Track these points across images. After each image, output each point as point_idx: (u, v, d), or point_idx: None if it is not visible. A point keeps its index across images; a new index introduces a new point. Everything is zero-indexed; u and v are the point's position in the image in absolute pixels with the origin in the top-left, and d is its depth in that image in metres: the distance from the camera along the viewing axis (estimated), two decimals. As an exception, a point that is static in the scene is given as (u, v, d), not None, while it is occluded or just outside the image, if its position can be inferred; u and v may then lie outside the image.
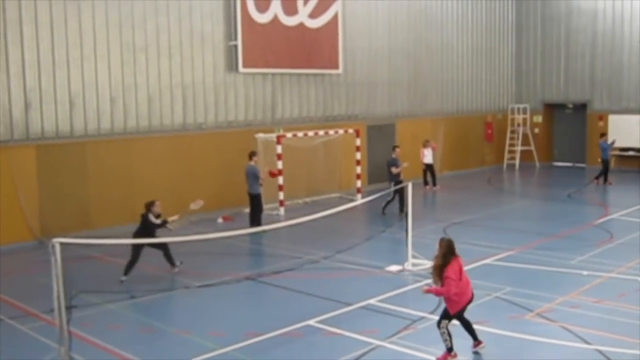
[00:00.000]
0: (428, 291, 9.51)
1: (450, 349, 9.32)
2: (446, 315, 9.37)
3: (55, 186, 17.21)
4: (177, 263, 14.18)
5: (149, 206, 13.84)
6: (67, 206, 17.43)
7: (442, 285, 9.19)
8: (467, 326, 9.61)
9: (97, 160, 17.97)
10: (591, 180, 25.52)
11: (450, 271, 9.12)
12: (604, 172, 25.26)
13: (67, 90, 17.48)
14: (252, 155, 18.42)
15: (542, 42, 31.89)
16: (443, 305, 11.44)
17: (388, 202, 19.72)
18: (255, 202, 18.09)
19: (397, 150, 20.74)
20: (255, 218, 17.95)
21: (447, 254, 9.26)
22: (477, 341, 9.62)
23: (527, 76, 32.54)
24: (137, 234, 13.77)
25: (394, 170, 19.81)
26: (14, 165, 16.51)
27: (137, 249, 13.61)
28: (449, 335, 9.32)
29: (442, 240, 9.52)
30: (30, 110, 16.89)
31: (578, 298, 11.80)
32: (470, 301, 9.47)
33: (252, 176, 17.98)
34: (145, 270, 14.38)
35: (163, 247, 13.99)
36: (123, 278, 13.56)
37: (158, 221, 13.78)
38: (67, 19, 17.35)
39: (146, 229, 13.72)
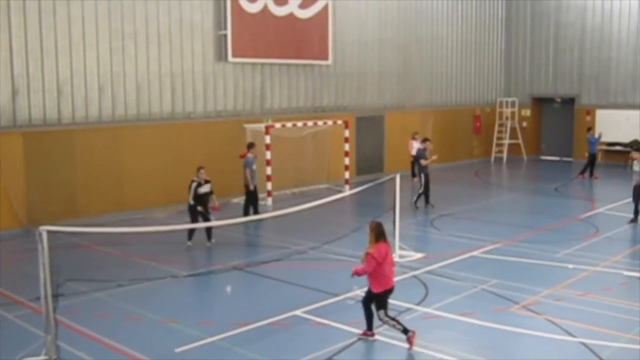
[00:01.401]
0: (354, 273, 9.63)
1: (406, 330, 9.40)
2: (379, 306, 9.48)
3: (42, 174, 17.13)
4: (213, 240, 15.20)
5: (196, 172, 15.16)
6: (54, 194, 17.35)
7: (364, 263, 9.43)
8: (369, 315, 9.68)
9: (85, 148, 17.89)
10: (576, 175, 25.61)
11: (375, 251, 9.33)
12: (590, 166, 25.39)
13: (55, 77, 17.37)
14: (250, 146, 18.40)
15: (531, 36, 31.98)
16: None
17: (420, 195, 19.86)
18: (248, 194, 18.09)
19: (428, 143, 20.53)
20: (248, 209, 17.97)
21: (377, 235, 9.46)
22: (370, 332, 9.75)
23: (516, 70, 32.64)
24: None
25: (423, 162, 19.83)
26: (1, 152, 16.41)
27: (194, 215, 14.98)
28: (395, 320, 9.49)
29: (372, 222, 9.69)
30: (17, 98, 16.78)
31: (563, 291, 11.89)
32: (391, 291, 9.55)
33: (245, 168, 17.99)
34: (133, 258, 14.38)
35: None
36: (189, 243, 15.02)
37: (202, 189, 14.89)
38: (56, 6, 17.23)
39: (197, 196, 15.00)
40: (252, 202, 18.14)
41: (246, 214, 17.69)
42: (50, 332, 8.80)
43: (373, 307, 9.61)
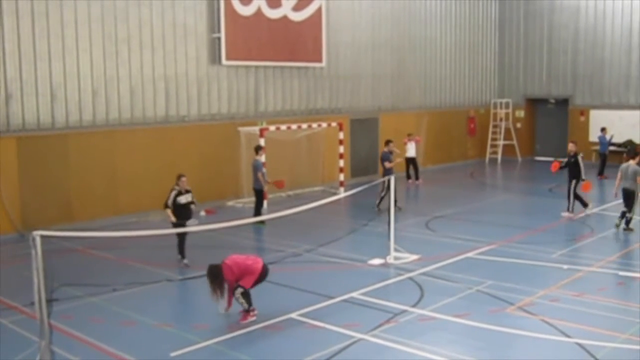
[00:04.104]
0: None
1: (247, 310, 10.46)
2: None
3: (36, 178, 17.08)
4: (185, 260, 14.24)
5: (176, 180, 14.34)
6: (48, 198, 17.31)
7: None
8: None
9: (79, 153, 17.84)
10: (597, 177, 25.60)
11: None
12: (601, 166, 25.60)
13: (48, 81, 17.33)
14: (257, 149, 18.41)
15: (525, 37, 32.06)
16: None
17: (382, 198, 19.33)
18: (259, 197, 18.11)
19: (391, 144, 20.29)
20: (257, 212, 18.02)
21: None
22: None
23: (510, 71, 32.71)
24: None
25: (387, 164, 19.54)
26: (-5, 157, 16.37)
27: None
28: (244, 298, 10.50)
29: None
30: (11, 102, 16.73)
31: (558, 292, 11.90)
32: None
33: (255, 171, 17.99)
34: (128, 263, 14.34)
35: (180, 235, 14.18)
36: (185, 261, 14.10)
37: (169, 201, 14.01)
38: (49, 10, 17.19)
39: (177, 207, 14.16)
40: (261, 203, 18.24)
41: (257, 214, 17.64)
42: (45, 337, 8.76)
43: None
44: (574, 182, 18.73)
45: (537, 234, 16.58)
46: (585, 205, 18.83)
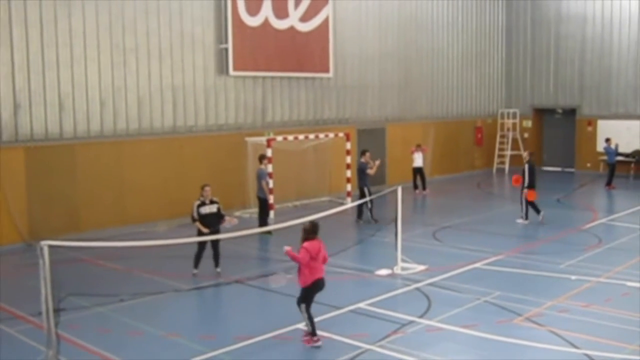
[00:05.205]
0: (287, 252, 10.29)
1: (312, 333, 9.93)
2: (303, 299, 10.10)
3: (44, 188, 17.12)
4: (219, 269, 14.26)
5: (200, 190, 14.17)
6: (56, 208, 17.35)
7: (299, 252, 10.14)
8: (311, 319, 10.13)
9: (86, 163, 17.90)
10: (605, 187, 25.68)
11: (308, 245, 10.19)
12: (610, 175, 25.58)
13: (56, 92, 17.40)
14: (261, 158, 18.45)
15: (532, 47, 32.05)
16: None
17: (370, 209, 19.26)
18: (263, 206, 18.12)
19: (368, 154, 20.01)
20: (263, 221, 18.02)
21: (309, 233, 10.37)
22: (314, 336, 10.02)
23: (517, 81, 32.68)
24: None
25: (369, 171, 19.39)
26: (2, 167, 16.42)
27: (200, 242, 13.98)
28: (309, 319, 10.00)
29: (307, 223, 10.67)
30: (19, 112, 16.80)
31: (566, 302, 11.85)
32: (320, 286, 10.19)
33: (260, 180, 18.00)
34: (135, 273, 14.35)
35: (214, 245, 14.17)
36: (195, 271, 14.04)
37: (194, 214, 13.85)
38: (57, 20, 17.28)
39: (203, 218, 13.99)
40: (267, 213, 18.29)
41: (263, 224, 17.65)
42: (52, 347, 8.78)
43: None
44: (525, 190, 19.01)
45: (545, 244, 16.53)
46: (537, 212, 19.02)
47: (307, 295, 10.18)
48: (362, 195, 18.90)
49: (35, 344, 9.93)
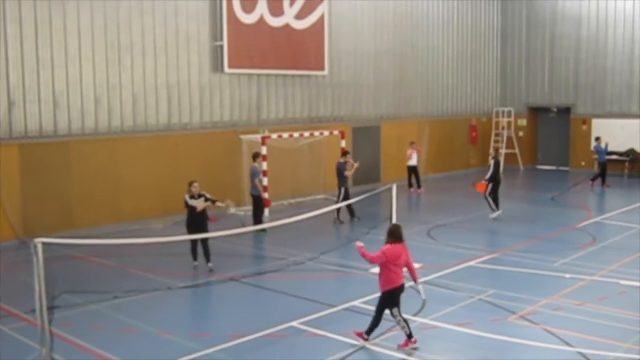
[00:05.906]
0: (359, 248, 10.11)
1: (409, 335, 9.66)
2: (391, 304, 9.81)
3: (38, 185, 17.08)
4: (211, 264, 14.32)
5: (188, 187, 14.32)
6: (50, 206, 17.30)
7: (375, 254, 9.87)
8: (376, 322, 9.92)
9: (81, 160, 17.85)
10: (587, 182, 25.94)
11: (388, 249, 9.87)
12: (601, 175, 25.63)
13: (51, 89, 17.35)
14: (255, 156, 18.45)
15: (527, 46, 32.10)
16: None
17: (339, 209, 19.06)
18: (257, 203, 18.13)
19: (348, 156, 20.20)
20: (257, 219, 18.04)
21: (391, 236, 10.09)
22: (412, 339, 9.74)
23: (512, 80, 32.73)
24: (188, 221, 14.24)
25: (347, 173, 19.46)
26: (-3, 164, 16.38)
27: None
28: (405, 321, 9.75)
29: (391, 225, 10.53)
30: (13, 109, 16.75)
31: (561, 301, 11.87)
32: (401, 290, 9.86)
33: (254, 178, 18.02)
34: (129, 270, 14.33)
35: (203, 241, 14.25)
36: (195, 263, 14.30)
37: (192, 202, 14.04)
38: (52, 18, 17.22)
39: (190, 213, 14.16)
40: (262, 210, 18.30)
41: (257, 222, 17.67)
42: (46, 344, 8.75)
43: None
44: (490, 185, 19.59)
45: (539, 242, 16.55)
46: (493, 209, 19.54)
47: (392, 298, 9.83)
48: (342, 195, 19.05)
49: (29, 341, 9.90)
